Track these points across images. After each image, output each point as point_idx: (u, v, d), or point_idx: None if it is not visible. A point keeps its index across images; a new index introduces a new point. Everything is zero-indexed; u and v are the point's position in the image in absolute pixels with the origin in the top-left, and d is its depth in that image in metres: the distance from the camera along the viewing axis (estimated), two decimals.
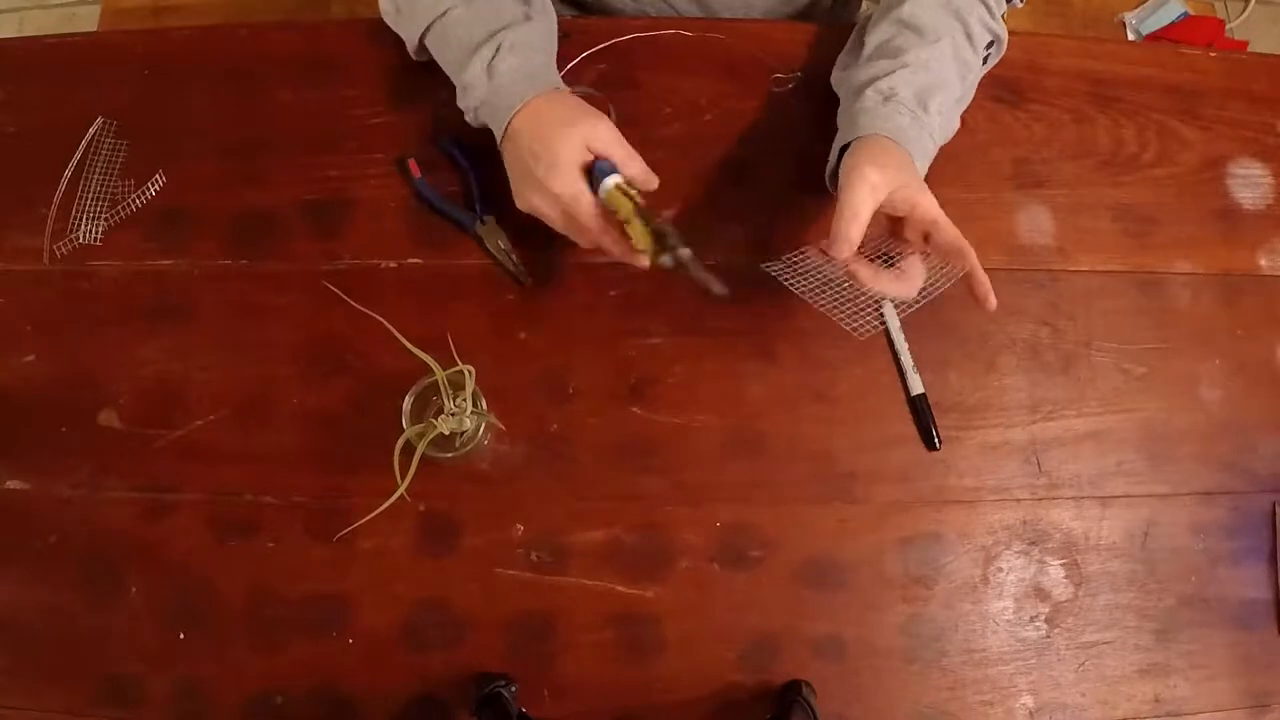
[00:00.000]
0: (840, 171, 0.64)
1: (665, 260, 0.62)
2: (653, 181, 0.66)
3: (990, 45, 0.71)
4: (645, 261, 0.64)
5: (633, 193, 0.63)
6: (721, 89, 0.78)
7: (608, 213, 0.64)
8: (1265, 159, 0.80)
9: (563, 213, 0.65)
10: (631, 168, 0.65)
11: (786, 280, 0.64)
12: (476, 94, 0.67)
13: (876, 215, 0.61)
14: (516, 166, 0.66)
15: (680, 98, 0.78)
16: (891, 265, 0.64)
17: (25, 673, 0.68)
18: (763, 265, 0.65)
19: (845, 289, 0.64)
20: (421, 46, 0.72)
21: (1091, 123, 0.80)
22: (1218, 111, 0.81)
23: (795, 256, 0.65)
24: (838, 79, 0.74)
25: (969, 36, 0.69)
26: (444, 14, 0.68)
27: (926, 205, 0.61)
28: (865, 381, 0.72)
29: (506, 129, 0.66)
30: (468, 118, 0.70)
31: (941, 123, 0.68)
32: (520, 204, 0.67)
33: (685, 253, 0.61)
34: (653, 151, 0.76)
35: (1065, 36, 0.82)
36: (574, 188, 0.63)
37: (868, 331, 0.63)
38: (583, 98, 0.68)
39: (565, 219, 0.65)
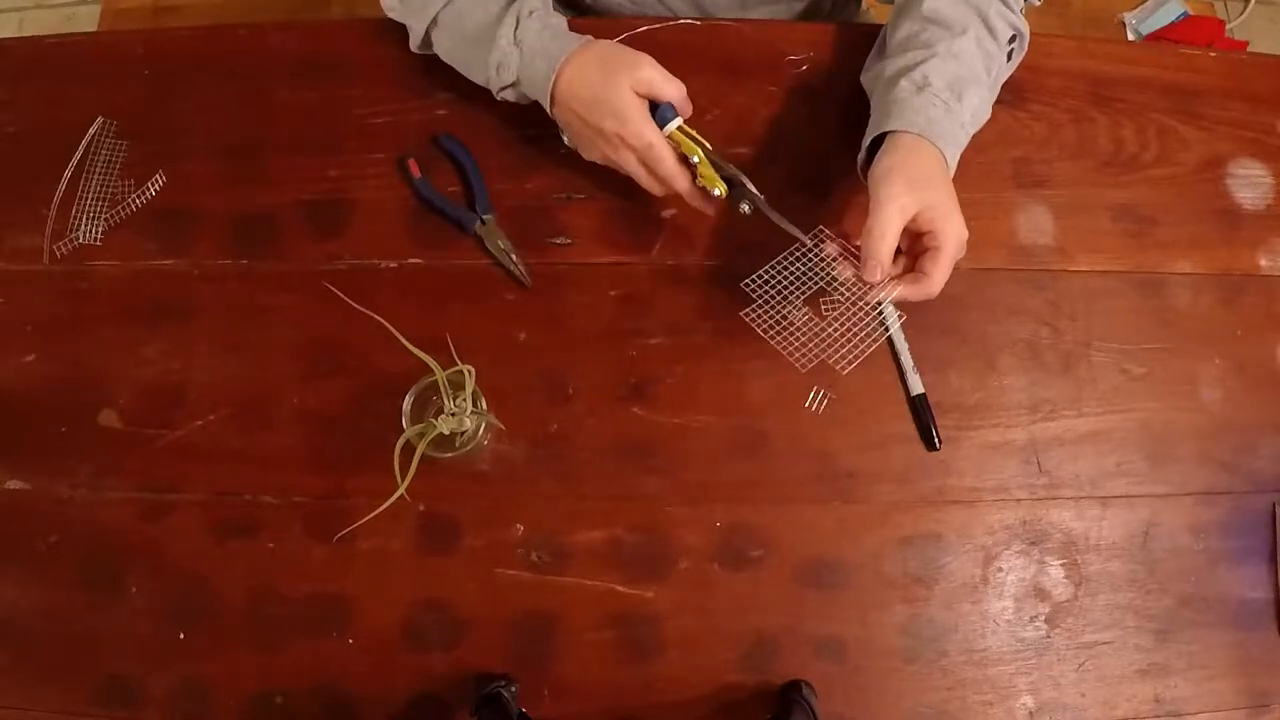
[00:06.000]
0: (871, 174, 0.64)
1: (744, 208, 0.64)
2: (688, 108, 0.67)
3: (1012, 40, 0.71)
4: (712, 209, 0.68)
5: (699, 136, 0.65)
6: (723, 88, 0.78)
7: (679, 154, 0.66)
8: (1265, 159, 0.80)
9: (639, 161, 0.66)
10: (688, 108, 0.67)
11: (757, 316, 0.65)
12: (511, 68, 0.67)
13: None
14: (576, 126, 0.67)
15: None
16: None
17: (25, 673, 0.68)
18: (743, 283, 0.66)
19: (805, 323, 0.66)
20: (426, 39, 0.72)
21: (1091, 123, 0.80)
22: (1218, 111, 0.81)
23: (769, 273, 0.66)
24: (868, 77, 0.74)
25: (990, 29, 0.69)
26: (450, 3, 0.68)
27: (946, 233, 0.61)
28: (865, 381, 0.72)
29: (553, 94, 0.66)
30: (505, 96, 0.70)
31: (974, 111, 0.68)
32: (589, 157, 0.70)
33: (761, 198, 0.64)
34: None
35: (1065, 36, 0.82)
36: (649, 137, 0.64)
37: (808, 363, 0.65)
38: None
39: (641, 167, 0.67)
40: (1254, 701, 0.69)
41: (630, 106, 0.64)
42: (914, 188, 0.61)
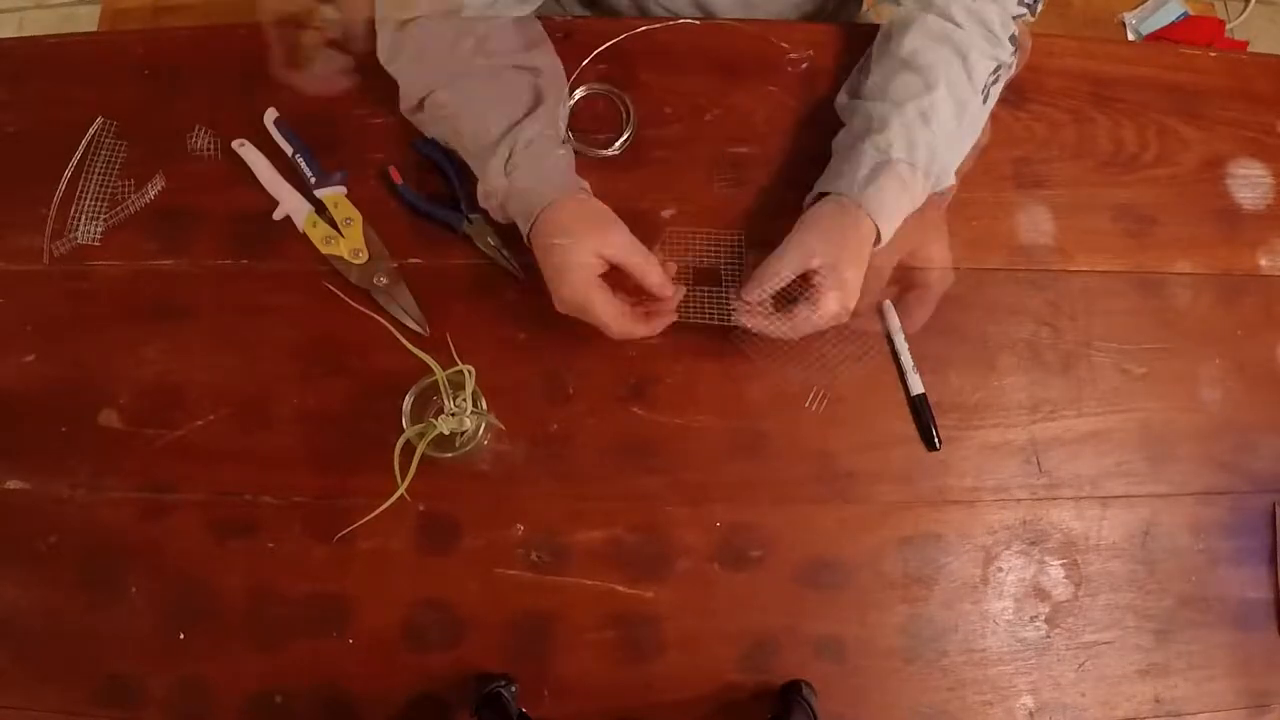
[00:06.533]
0: (805, 214, 0.68)
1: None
2: (667, 289, 0.66)
3: (997, 70, 0.70)
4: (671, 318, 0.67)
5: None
6: (723, 88, 0.78)
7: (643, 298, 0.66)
8: (1265, 159, 0.80)
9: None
10: (650, 276, 0.65)
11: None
12: (497, 198, 0.68)
13: None
14: (544, 264, 0.66)
15: (681, 97, 0.78)
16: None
17: (25, 673, 0.68)
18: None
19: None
20: (420, 106, 0.71)
21: (1091, 123, 0.80)
22: (1218, 111, 0.81)
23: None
24: (842, 106, 0.74)
25: (968, 74, 0.68)
26: (450, 83, 0.68)
27: (826, 300, 0.63)
28: (865, 381, 0.72)
29: (531, 228, 0.66)
30: (493, 216, 0.70)
31: (940, 172, 0.69)
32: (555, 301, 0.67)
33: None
34: (653, 151, 0.76)
35: (1065, 36, 0.83)
36: (581, 296, 0.64)
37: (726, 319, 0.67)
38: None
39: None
40: (1254, 701, 0.69)
41: (579, 262, 0.64)
42: (830, 248, 0.64)
